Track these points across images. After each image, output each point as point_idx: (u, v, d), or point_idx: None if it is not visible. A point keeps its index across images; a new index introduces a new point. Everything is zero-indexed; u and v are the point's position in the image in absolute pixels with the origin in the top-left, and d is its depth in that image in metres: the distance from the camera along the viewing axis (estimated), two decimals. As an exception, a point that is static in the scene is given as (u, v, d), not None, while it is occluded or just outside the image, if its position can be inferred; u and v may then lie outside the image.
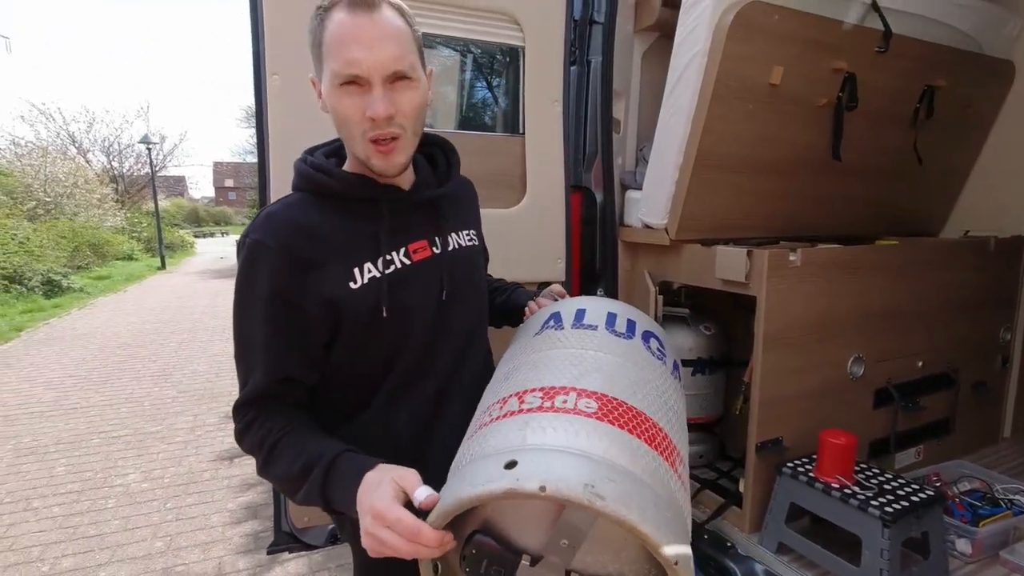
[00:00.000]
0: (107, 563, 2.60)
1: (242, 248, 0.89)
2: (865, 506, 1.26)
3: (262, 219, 0.90)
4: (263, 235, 0.87)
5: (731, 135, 1.60)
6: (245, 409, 0.89)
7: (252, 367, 0.89)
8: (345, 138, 0.92)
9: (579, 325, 0.93)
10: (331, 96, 0.86)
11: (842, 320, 1.63)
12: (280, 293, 0.86)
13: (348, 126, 0.88)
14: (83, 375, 5.61)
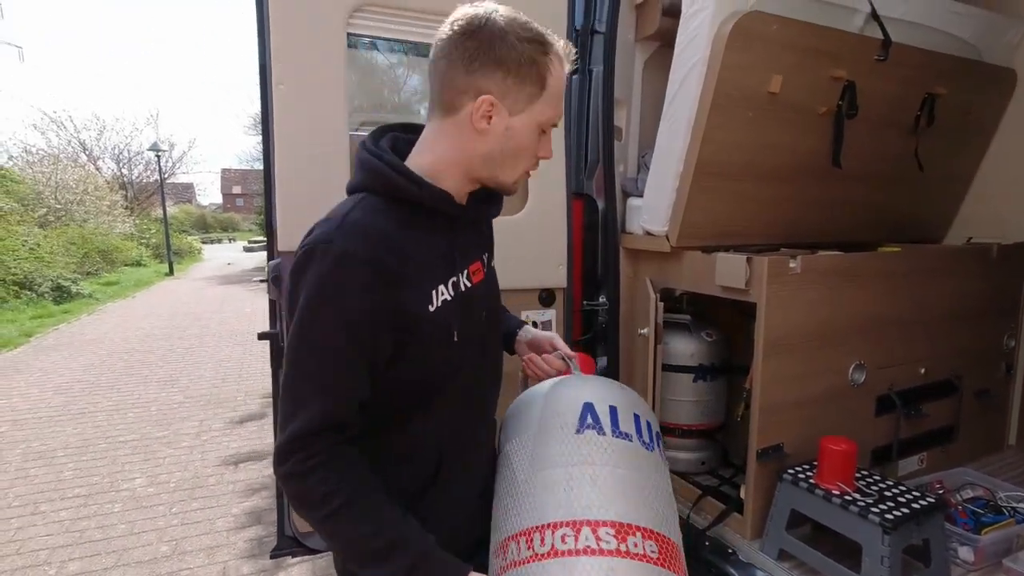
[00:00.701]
0: (113, 567, 2.62)
1: (318, 257, 0.79)
2: (865, 513, 1.26)
3: (348, 226, 0.81)
4: (351, 245, 0.79)
5: (731, 143, 1.61)
6: (311, 444, 0.80)
7: (321, 391, 0.81)
8: (506, 163, 0.90)
9: (617, 433, 0.92)
10: (526, 130, 0.88)
11: (843, 327, 1.63)
12: (367, 311, 0.80)
13: (524, 157, 0.90)
14: (91, 380, 5.66)
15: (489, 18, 0.83)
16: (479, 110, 0.84)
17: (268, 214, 1.49)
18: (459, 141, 0.88)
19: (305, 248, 0.81)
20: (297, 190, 1.46)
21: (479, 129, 0.85)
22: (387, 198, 0.86)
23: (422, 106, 5.09)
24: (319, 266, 0.79)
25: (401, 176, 0.85)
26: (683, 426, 1.92)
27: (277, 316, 1.51)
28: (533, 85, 0.85)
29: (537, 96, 0.86)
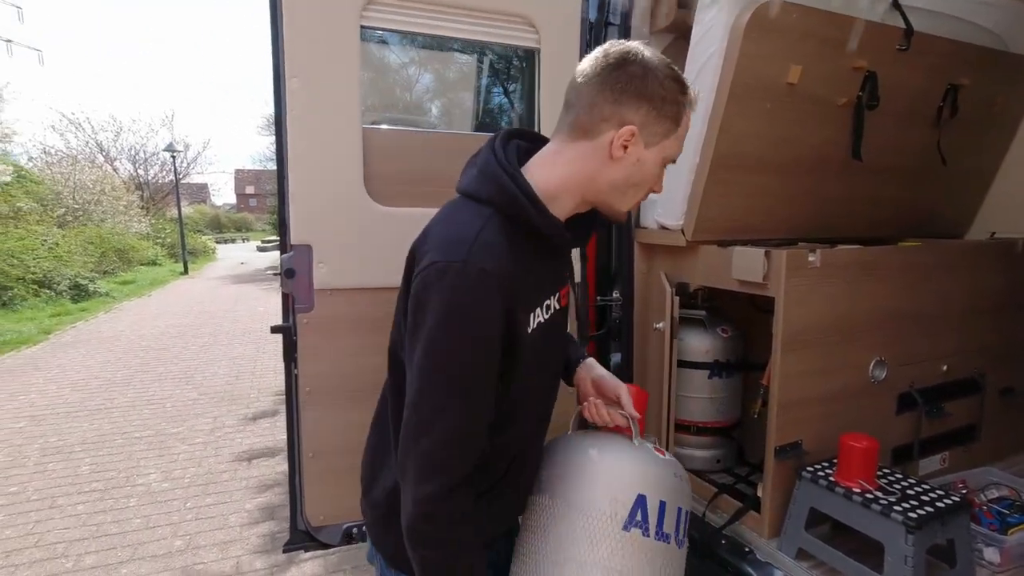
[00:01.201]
0: (128, 560, 2.64)
1: (453, 274, 0.80)
2: (888, 511, 1.23)
3: (480, 245, 0.82)
4: (486, 262, 0.81)
5: (748, 135, 1.58)
6: (461, 488, 0.85)
7: (468, 442, 0.84)
8: (624, 188, 0.93)
9: (660, 535, 0.99)
10: (654, 163, 0.92)
11: (863, 322, 1.60)
12: (499, 328, 0.83)
13: (642, 187, 0.95)
14: (108, 377, 5.74)
15: (642, 54, 0.88)
16: (620, 138, 0.88)
17: (281, 207, 1.49)
18: (589, 165, 0.91)
19: (436, 265, 0.81)
20: (310, 183, 1.46)
21: (615, 156, 0.89)
22: (509, 217, 0.88)
23: (434, 104, 5.10)
24: (451, 283, 0.80)
25: (529, 202, 0.88)
26: (698, 423, 1.90)
27: (290, 309, 1.51)
28: (670, 122, 0.90)
29: (672, 132, 0.91)
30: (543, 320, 0.94)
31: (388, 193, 1.57)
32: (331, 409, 1.53)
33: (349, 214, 1.50)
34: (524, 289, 0.88)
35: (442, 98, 4.32)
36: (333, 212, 1.49)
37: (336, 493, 1.56)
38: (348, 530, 1.58)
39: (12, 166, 13.00)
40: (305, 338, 1.49)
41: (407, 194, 1.60)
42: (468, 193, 0.92)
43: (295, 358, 1.50)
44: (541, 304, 0.94)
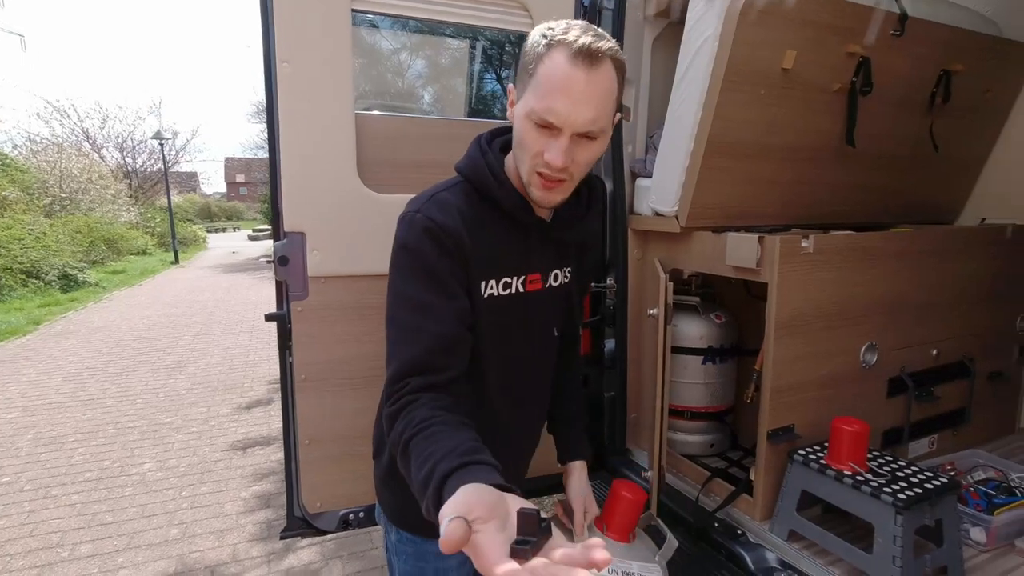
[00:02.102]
0: (125, 549, 2.65)
1: (407, 222, 0.92)
2: (878, 493, 1.25)
3: (431, 201, 0.93)
4: (433, 214, 0.91)
5: (742, 121, 1.58)
6: (399, 386, 0.87)
7: (404, 340, 0.89)
8: (516, 155, 0.94)
9: None
10: (521, 122, 0.89)
11: (855, 308, 1.61)
12: (447, 270, 0.90)
13: (524, 151, 0.90)
14: (100, 367, 5.70)
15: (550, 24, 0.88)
16: (509, 99, 0.94)
17: (274, 194, 1.48)
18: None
19: (400, 218, 0.94)
20: (303, 169, 1.45)
21: (509, 116, 0.94)
22: (476, 189, 0.96)
23: (426, 91, 5.06)
24: (406, 232, 0.91)
25: (491, 173, 0.95)
26: (692, 408, 1.92)
27: (284, 297, 1.51)
28: (529, 72, 0.87)
29: (528, 84, 0.87)
30: (496, 294, 0.98)
31: (381, 180, 1.56)
32: (326, 396, 1.53)
33: (342, 201, 1.49)
34: (476, 253, 0.93)
35: (435, 84, 4.27)
36: (326, 199, 1.48)
37: (333, 480, 1.56)
38: (345, 516, 1.58)
39: (-3, 154, 12.78)
40: (299, 326, 1.49)
41: (400, 181, 1.59)
42: (456, 168, 1.01)
43: (289, 346, 1.50)
44: (497, 278, 0.98)
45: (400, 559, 1.11)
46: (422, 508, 0.72)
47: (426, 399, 0.84)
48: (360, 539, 2.68)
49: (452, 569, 1.11)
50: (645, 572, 1.15)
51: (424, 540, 1.08)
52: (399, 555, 1.11)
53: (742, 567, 1.44)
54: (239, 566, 2.50)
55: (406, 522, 1.09)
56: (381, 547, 2.62)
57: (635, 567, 1.15)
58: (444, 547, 0.53)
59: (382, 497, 1.14)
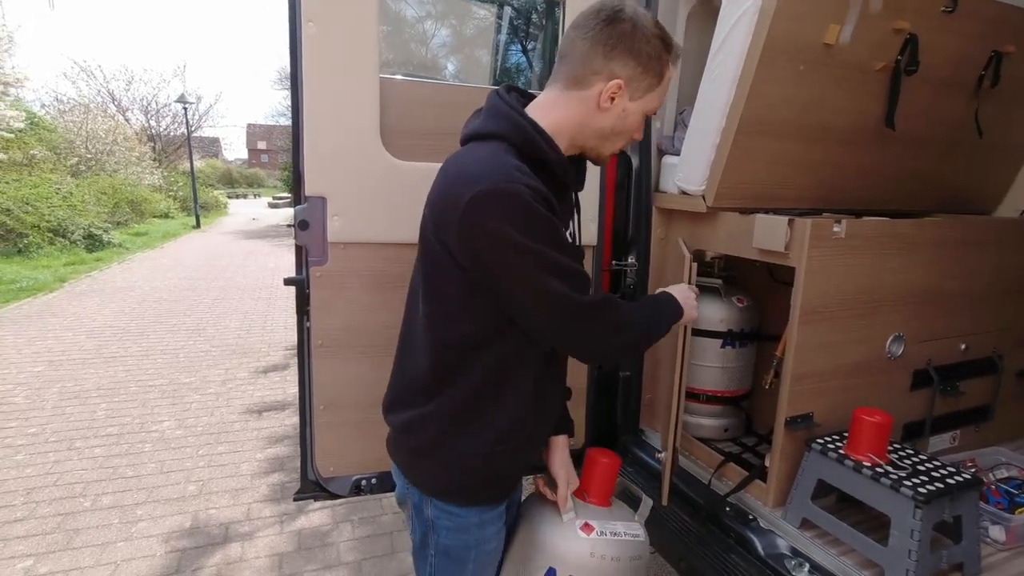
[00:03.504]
0: (144, 503, 2.73)
1: (505, 195, 0.88)
2: (897, 486, 1.23)
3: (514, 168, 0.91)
4: (528, 181, 0.90)
5: (778, 99, 1.52)
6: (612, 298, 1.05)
7: (574, 273, 0.96)
8: (609, 136, 1.03)
9: None
10: (637, 114, 1.02)
11: (884, 297, 1.56)
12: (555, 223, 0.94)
13: (624, 135, 1.05)
14: (122, 326, 5.83)
15: (632, 12, 0.96)
16: (608, 91, 0.97)
17: (296, 158, 1.46)
18: (579, 113, 1.00)
19: (482, 192, 0.87)
20: (325, 132, 1.43)
21: (602, 107, 0.98)
22: (520, 151, 0.96)
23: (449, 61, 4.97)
24: (512, 200, 0.88)
25: (540, 137, 0.97)
26: (708, 391, 1.89)
27: (304, 262, 1.50)
28: (653, 77, 0.99)
29: (654, 87, 1.00)
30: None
31: (404, 146, 1.54)
32: (343, 362, 1.54)
33: (364, 167, 1.47)
34: (554, 211, 0.95)
35: (459, 54, 4.18)
36: (348, 164, 1.46)
37: (346, 446, 1.58)
38: (357, 482, 1.60)
39: (25, 112, 12.93)
40: (318, 291, 1.49)
41: (423, 148, 1.57)
42: (479, 134, 1.00)
43: (307, 311, 1.50)
44: (566, 236, 1.02)
45: (440, 534, 1.09)
46: (669, 324, 1.14)
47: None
48: (370, 504, 2.72)
49: (492, 537, 1.13)
50: (630, 530, 1.22)
51: (466, 510, 1.08)
52: (439, 530, 1.09)
53: (752, 552, 1.43)
54: (252, 525, 2.57)
55: (451, 491, 1.07)
56: (391, 513, 2.67)
57: (620, 527, 1.22)
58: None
59: (419, 469, 1.10)
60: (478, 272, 0.93)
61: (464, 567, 1.10)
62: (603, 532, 1.19)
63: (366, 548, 2.44)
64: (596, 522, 1.20)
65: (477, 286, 0.95)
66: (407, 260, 1.49)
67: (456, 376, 1.02)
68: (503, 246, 0.89)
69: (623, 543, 1.19)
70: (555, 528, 1.18)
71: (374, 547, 2.45)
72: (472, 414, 1.02)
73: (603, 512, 1.25)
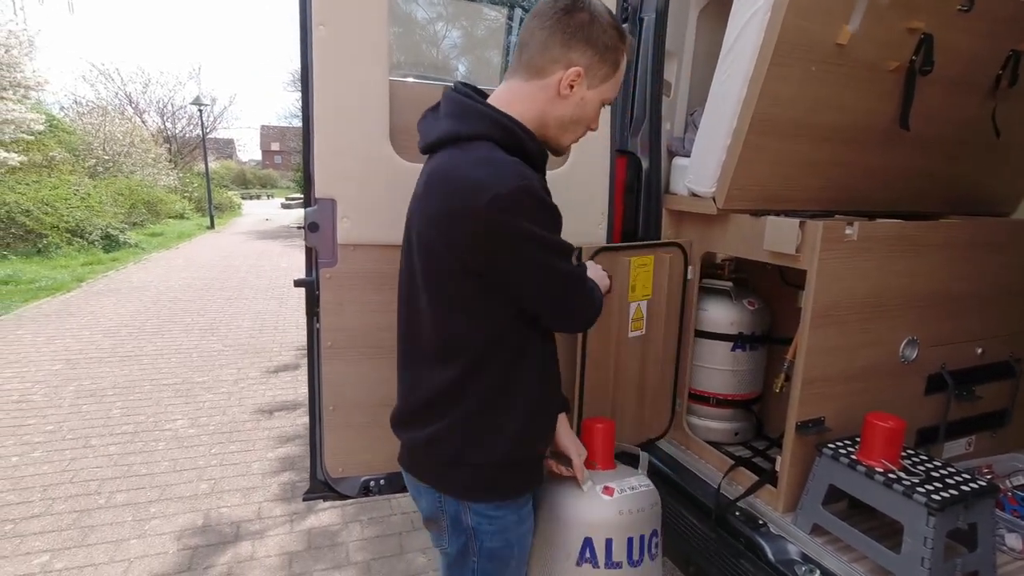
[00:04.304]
0: (157, 500, 2.76)
1: (526, 191, 0.91)
2: (911, 492, 1.21)
3: (511, 170, 0.93)
4: (533, 179, 0.95)
5: (790, 99, 1.51)
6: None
7: (568, 249, 1.02)
8: (568, 124, 1.06)
9: (610, 565, 1.24)
10: (594, 103, 1.05)
11: (897, 300, 1.54)
12: (555, 208, 0.99)
13: (582, 124, 1.08)
14: (138, 325, 5.91)
15: (590, 3, 0.99)
16: (567, 78, 1.00)
17: (306, 160, 1.47)
18: (539, 102, 1.02)
19: (502, 196, 0.90)
20: (336, 135, 1.44)
21: (562, 94, 1.01)
22: (506, 148, 0.98)
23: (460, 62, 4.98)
24: (531, 199, 0.92)
25: (522, 132, 1.01)
26: (718, 395, 1.88)
27: (314, 263, 1.51)
28: (610, 66, 1.03)
29: (610, 76, 1.04)
30: None
31: (413, 149, 1.54)
32: (352, 364, 1.55)
33: (374, 169, 1.48)
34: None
35: (469, 55, 4.19)
36: (358, 166, 1.47)
37: (355, 446, 1.58)
38: (366, 483, 1.61)
39: (45, 115, 13.16)
40: (327, 293, 1.50)
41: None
42: (459, 136, 1.00)
43: (317, 312, 1.51)
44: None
45: (483, 540, 1.10)
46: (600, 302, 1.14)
47: None
48: (380, 504, 2.74)
49: (528, 532, 1.18)
50: (641, 482, 1.33)
51: (504, 511, 1.10)
52: (481, 536, 1.09)
53: (762, 558, 1.42)
54: (262, 523, 2.59)
55: (488, 490, 1.08)
56: (399, 514, 2.67)
57: (633, 481, 1.32)
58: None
59: (452, 479, 1.09)
60: (494, 275, 0.97)
61: (508, 565, 1.14)
62: (623, 490, 1.28)
63: (375, 548, 2.45)
64: (613, 483, 1.29)
65: (492, 287, 0.98)
66: None
67: (476, 379, 1.03)
68: (528, 244, 0.93)
69: (641, 494, 1.29)
70: (579, 500, 1.25)
71: (383, 547, 2.46)
72: (496, 412, 1.05)
73: (613, 474, 1.35)
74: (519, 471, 1.12)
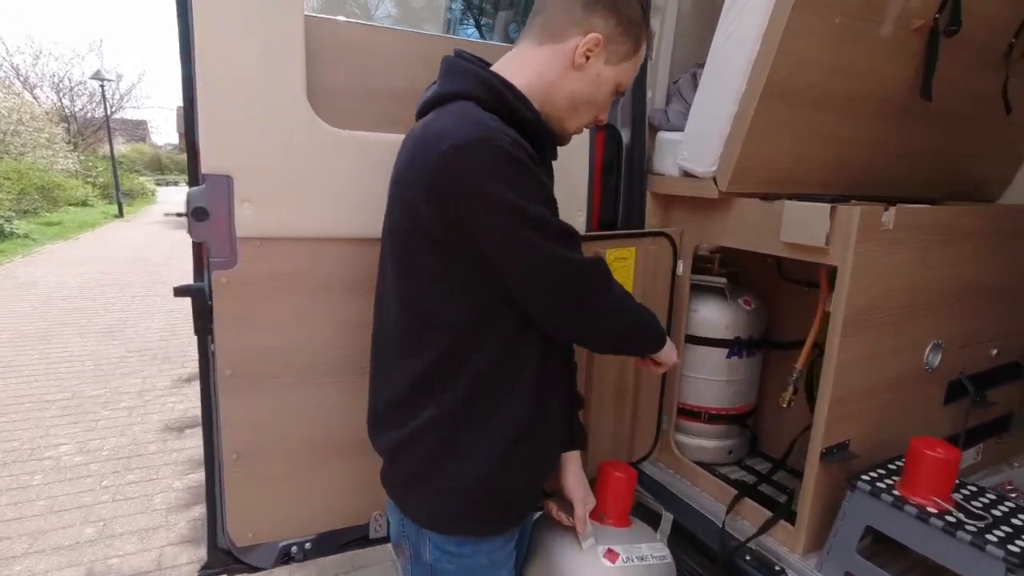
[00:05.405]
0: (24, 554, 2.23)
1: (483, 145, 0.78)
2: (981, 542, 0.98)
3: (494, 123, 0.81)
4: (504, 131, 0.81)
5: (809, 60, 1.25)
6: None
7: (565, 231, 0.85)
8: (579, 103, 0.93)
9: None
10: (608, 83, 0.93)
11: (927, 299, 1.33)
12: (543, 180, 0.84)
13: (592, 108, 0.95)
14: (18, 329, 5.10)
15: None
16: (585, 45, 0.88)
17: (189, 122, 1.07)
18: (552, 71, 0.90)
19: (457, 145, 0.77)
20: (229, 88, 1.04)
21: (576, 64, 0.89)
22: (493, 109, 0.85)
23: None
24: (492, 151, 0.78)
25: (511, 93, 0.87)
26: (712, 410, 1.62)
27: (206, 264, 1.11)
28: (631, 44, 0.92)
29: (630, 56, 0.93)
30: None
31: (342, 110, 1.17)
32: (263, 397, 1.16)
33: (286, 136, 1.10)
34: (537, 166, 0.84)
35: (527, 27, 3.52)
36: (263, 132, 1.08)
37: (270, 505, 1.21)
38: (286, 549, 1.24)
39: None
40: (224, 302, 1.11)
41: (370, 114, 1.20)
42: (440, 98, 0.88)
43: (211, 330, 1.12)
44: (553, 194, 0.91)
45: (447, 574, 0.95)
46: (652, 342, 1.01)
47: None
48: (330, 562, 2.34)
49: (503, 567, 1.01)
50: (656, 552, 1.13)
51: (473, 548, 0.95)
52: (441, 572, 0.95)
53: (786, 616, 1.17)
54: None
55: (452, 520, 0.93)
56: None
57: (645, 549, 1.13)
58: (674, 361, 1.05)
59: (415, 498, 0.95)
60: (455, 244, 0.82)
61: None
62: (629, 558, 1.09)
63: (306, 596, 2.06)
64: (620, 547, 1.09)
65: (459, 259, 0.84)
66: (355, 259, 1.15)
67: (447, 379, 0.89)
68: (486, 203, 0.79)
69: (652, 568, 1.10)
70: (575, 559, 1.06)
71: (316, 594, 2.08)
72: (469, 425, 0.90)
73: (624, 534, 1.14)
74: (492, 505, 0.95)
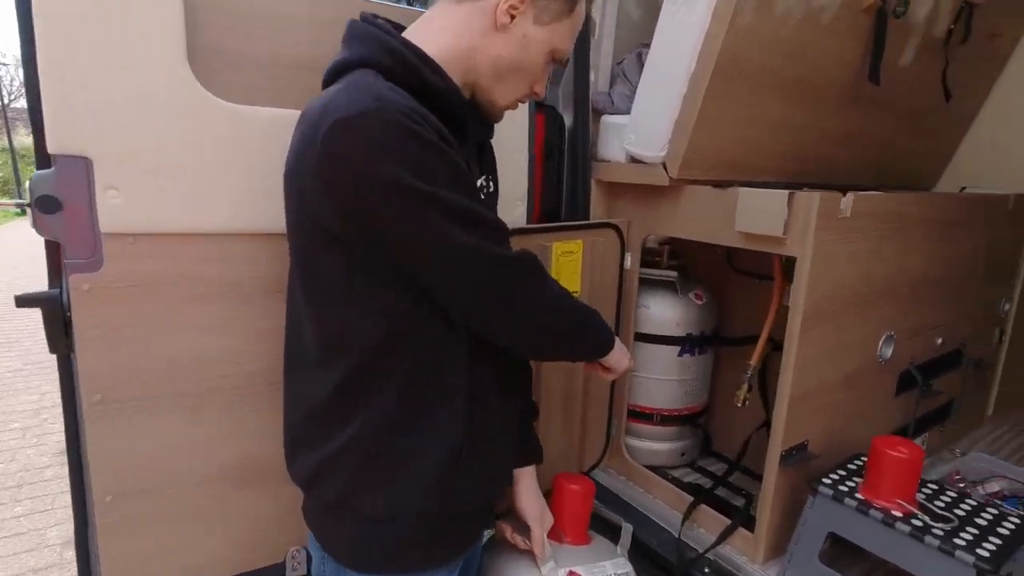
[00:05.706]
0: None
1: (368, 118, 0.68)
2: (950, 546, 0.92)
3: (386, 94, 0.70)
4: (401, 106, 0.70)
5: (760, 39, 1.17)
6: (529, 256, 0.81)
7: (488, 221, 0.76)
8: (506, 71, 0.83)
9: None
10: (540, 47, 0.82)
11: (881, 289, 1.28)
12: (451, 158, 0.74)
13: (523, 77, 0.85)
14: None
15: None
16: (507, 1, 0.78)
17: (32, 91, 0.85)
18: (472, 34, 0.81)
19: (343, 120, 0.68)
20: (83, 48, 0.84)
21: (500, 24, 0.80)
22: (397, 78, 0.75)
23: None
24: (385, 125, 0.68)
25: (420, 60, 0.77)
26: (663, 411, 1.54)
27: (62, 268, 0.91)
28: (565, 3, 0.82)
29: (564, 16, 0.83)
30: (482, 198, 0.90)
31: (233, 78, 0.98)
32: (143, 424, 0.97)
33: (161, 110, 0.90)
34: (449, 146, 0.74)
35: None
36: (130, 105, 0.88)
37: (158, 551, 1.01)
38: (183, 602, 1.05)
39: None
40: (88, 314, 0.90)
41: (267, 84, 1.02)
42: (342, 65, 0.79)
43: (71, 346, 0.91)
44: (474, 179, 0.85)
45: None
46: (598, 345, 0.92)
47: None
48: None
49: None
50: (619, 569, 1.08)
51: None
52: None
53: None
54: (61, 619, 1.87)
55: (378, 558, 0.83)
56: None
57: (609, 567, 1.07)
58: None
59: (332, 531, 0.86)
60: (357, 235, 0.73)
61: None
62: None
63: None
64: (582, 567, 1.04)
65: (363, 260, 0.75)
66: (255, 257, 0.98)
67: (367, 391, 0.80)
68: (383, 188, 0.69)
69: None
70: None
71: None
72: (394, 446, 0.80)
73: (585, 552, 1.09)
74: (432, 535, 0.85)
